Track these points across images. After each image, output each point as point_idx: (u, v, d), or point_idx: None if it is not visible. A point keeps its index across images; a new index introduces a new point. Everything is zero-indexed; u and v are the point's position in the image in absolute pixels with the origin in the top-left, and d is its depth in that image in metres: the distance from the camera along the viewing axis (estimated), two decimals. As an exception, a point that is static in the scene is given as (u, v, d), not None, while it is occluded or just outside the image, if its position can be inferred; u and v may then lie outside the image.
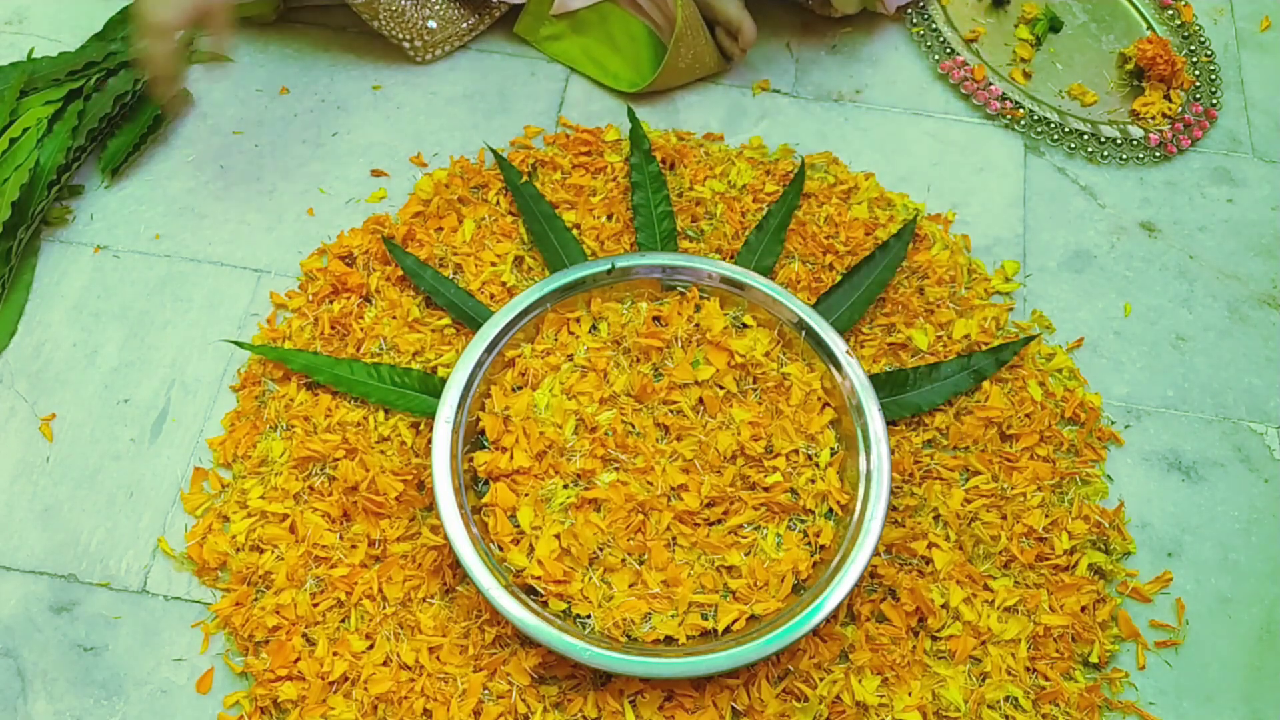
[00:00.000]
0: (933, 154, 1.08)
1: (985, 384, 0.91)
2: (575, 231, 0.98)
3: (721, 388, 0.87)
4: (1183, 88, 1.12)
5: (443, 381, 0.86)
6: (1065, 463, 0.90)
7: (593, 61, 1.11)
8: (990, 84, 1.11)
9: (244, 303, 0.96)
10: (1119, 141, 1.09)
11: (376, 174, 1.04)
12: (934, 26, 1.15)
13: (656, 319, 0.90)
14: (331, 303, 0.94)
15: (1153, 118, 1.11)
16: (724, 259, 0.96)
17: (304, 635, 0.80)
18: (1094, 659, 0.82)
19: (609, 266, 0.90)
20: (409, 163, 1.04)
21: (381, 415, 0.88)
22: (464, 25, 1.11)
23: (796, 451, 0.85)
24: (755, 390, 0.88)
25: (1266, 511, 0.90)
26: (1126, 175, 1.08)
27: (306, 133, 1.06)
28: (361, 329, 0.92)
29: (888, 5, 1.14)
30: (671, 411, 0.86)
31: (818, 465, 0.85)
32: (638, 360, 0.89)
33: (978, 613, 0.82)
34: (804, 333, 0.88)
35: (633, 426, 0.85)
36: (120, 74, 1.05)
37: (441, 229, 0.98)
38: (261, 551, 0.83)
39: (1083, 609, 0.83)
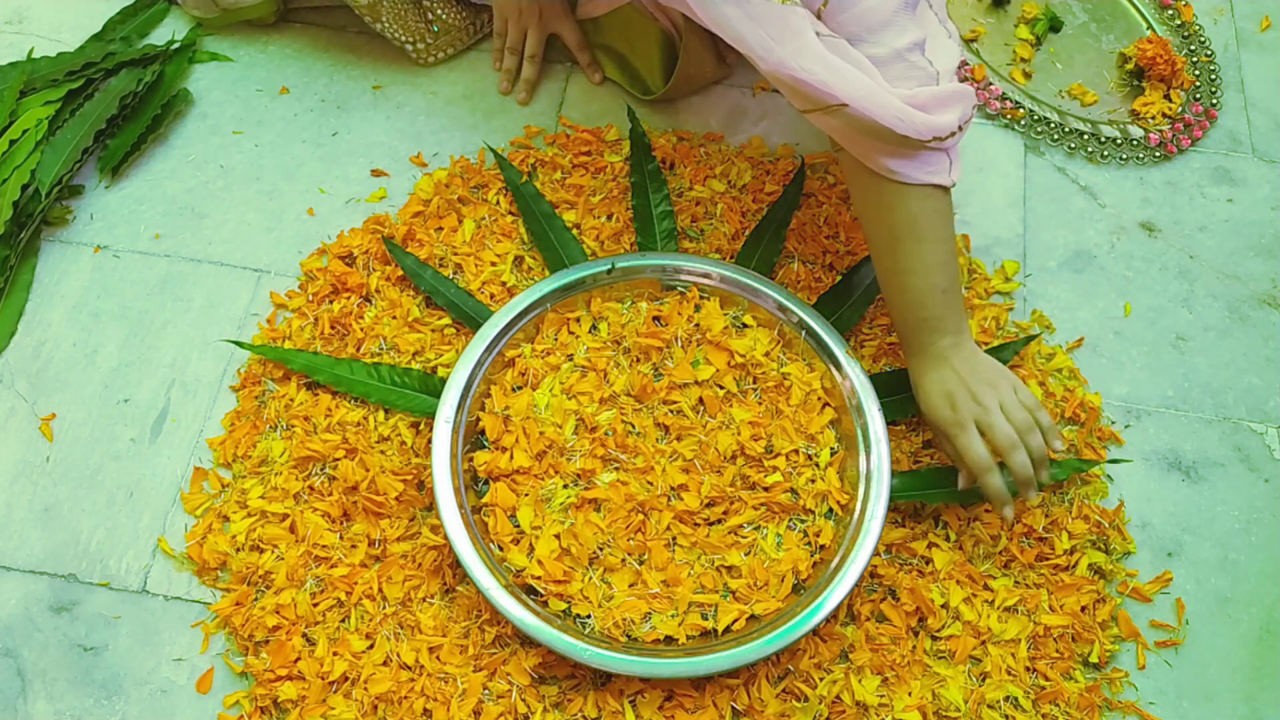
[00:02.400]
0: (933, 154, 1.08)
1: (985, 384, 0.91)
2: (575, 231, 0.98)
3: (721, 388, 0.87)
4: (1183, 88, 1.12)
5: (443, 381, 0.86)
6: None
7: (612, 65, 1.10)
8: (990, 84, 1.11)
9: (244, 303, 0.96)
10: (1119, 141, 1.09)
11: (376, 174, 1.04)
12: (934, 26, 1.15)
13: (656, 319, 0.90)
14: (331, 303, 0.94)
15: (1153, 118, 1.11)
16: (724, 259, 0.96)
17: (304, 635, 0.80)
18: (1094, 659, 0.82)
19: (609, 266, 0.90)
20: (409, 163, 1.04)
21: (381, 415, 0.88)
22: (467, 28, 1.11)
23: (796, 451, 0.85)
24: (755, 390, 0.88)
25: (1266, 511, 0.90)
26: (1126, 175, 1.08)
27: (306, 133, 1.06)
28: (361, 329, 0.92)
29: None
30: (671, 411, 0.86)
31: (818, 465, 0.85)
32: (638, 360, 0.89)
33: (978, 613, 0.82)
34: (804, 333, 0.88)
35: (633, 426, 0.85)
36: (121, 74, 1.05)
37: (441, 229, 0.98)
38: (261, 551, 0.83)
39: (1083, 609, 0.83)
